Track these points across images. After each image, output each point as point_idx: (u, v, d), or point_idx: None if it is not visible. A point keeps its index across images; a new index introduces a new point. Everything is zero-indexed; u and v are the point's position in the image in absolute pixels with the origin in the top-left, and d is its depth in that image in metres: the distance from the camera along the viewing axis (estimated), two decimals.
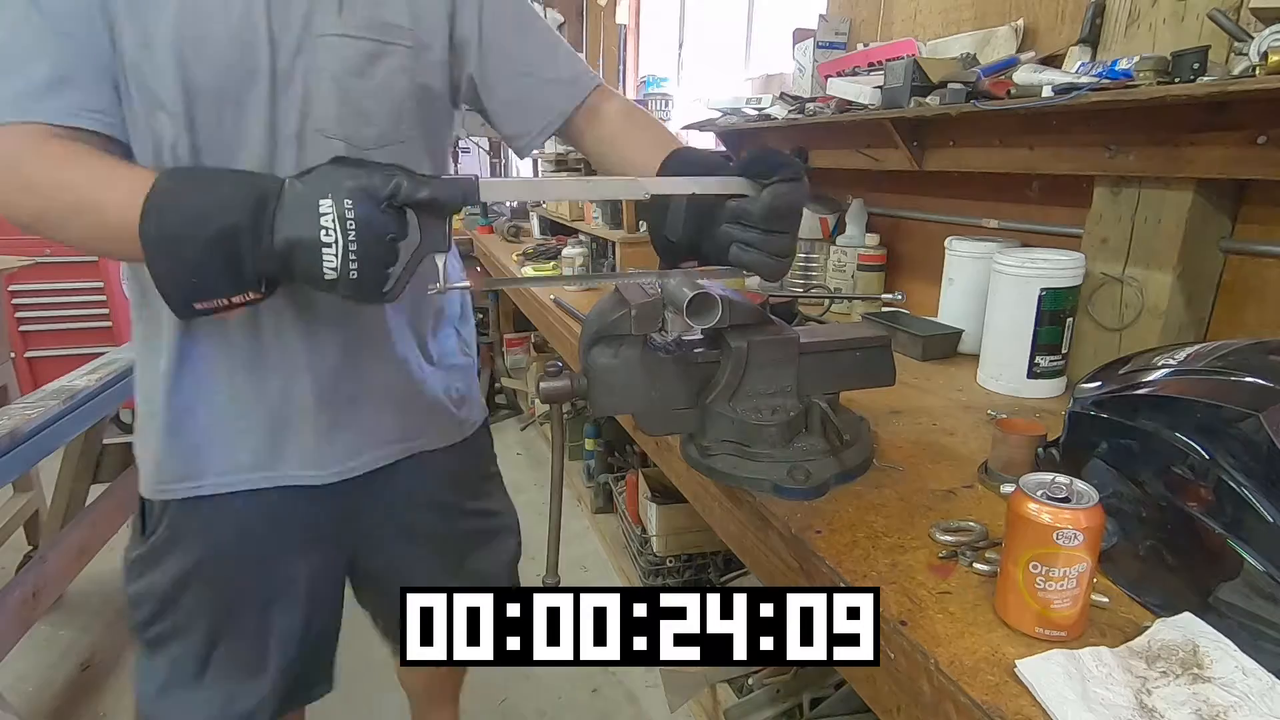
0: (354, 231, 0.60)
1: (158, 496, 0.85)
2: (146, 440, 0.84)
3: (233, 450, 0.84)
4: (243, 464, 0.84)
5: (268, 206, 0.61)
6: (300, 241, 0.60)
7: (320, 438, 0.87)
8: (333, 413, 0.87)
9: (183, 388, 0.81)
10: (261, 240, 0.60)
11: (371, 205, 0.60)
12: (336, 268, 0.60)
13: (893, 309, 1.56)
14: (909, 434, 1.03)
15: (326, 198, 0.60)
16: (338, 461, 0.89)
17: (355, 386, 0.87)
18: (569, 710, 1.79)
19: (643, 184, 0.73)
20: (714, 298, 0.77)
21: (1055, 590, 0.57)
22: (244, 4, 0.71)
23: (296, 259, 0.61)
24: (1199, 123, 1.04)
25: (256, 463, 0.85)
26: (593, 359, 0.82)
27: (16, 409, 1.61)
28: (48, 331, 3.23)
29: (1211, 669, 0.53)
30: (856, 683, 0.69)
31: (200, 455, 0.83)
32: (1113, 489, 0.69)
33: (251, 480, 0.85)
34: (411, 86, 0.81)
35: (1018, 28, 1.44)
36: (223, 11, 0.71)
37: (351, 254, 0.60)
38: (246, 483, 0.85)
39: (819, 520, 0.79)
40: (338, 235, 0.59)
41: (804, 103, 1.84)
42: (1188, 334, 1.16)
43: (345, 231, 0.59)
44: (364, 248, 0.60)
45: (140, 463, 0.86)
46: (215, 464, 0.84)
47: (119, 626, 2.09)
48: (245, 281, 0.62)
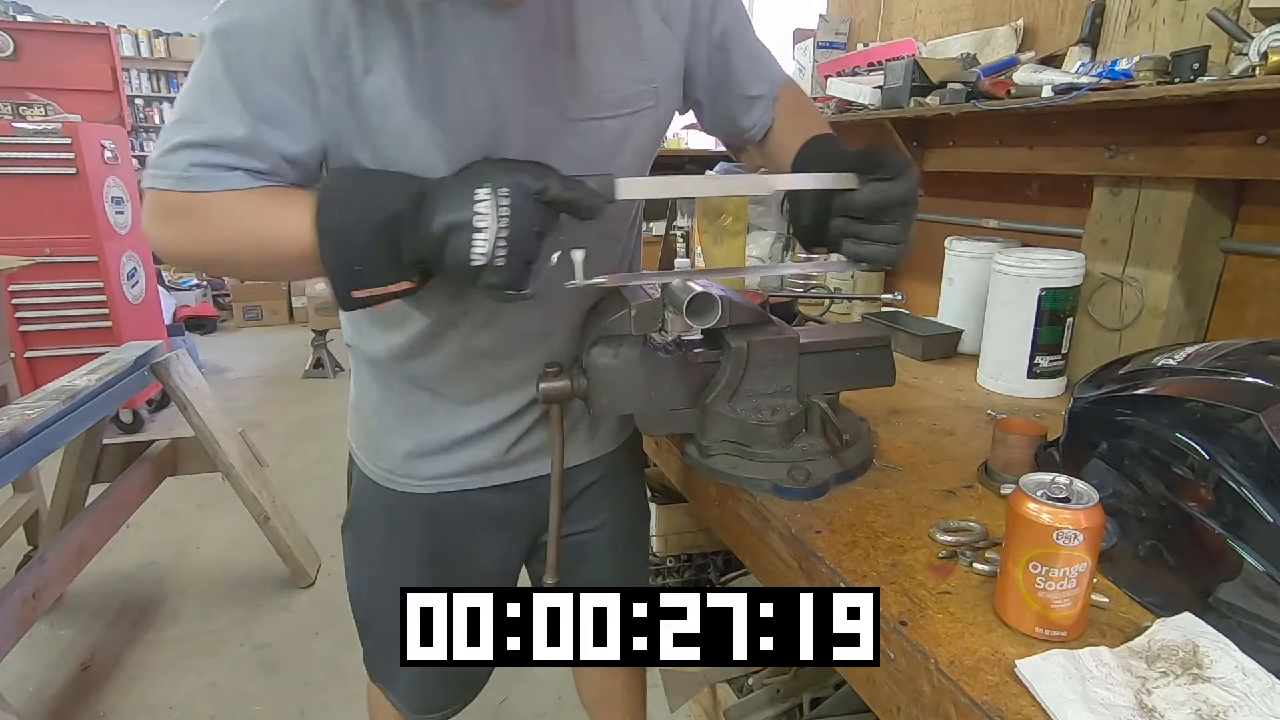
0: (507, 219, 0.62)
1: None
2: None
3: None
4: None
5: (427, 197, 0.64)
6: (455, 224, 0.62)
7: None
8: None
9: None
10: (419, 225, 0.63)
11: (524, 197, 0.63)
12: (486, 253, 0.62)
13: (893, 309, 1.56)
14: (909, 434, 1.03)
15: (483, 186, 0.62)
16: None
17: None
18: (569, 710, 1.79)
19: (769, 181, 0.76)
20: (713, 298, 0.77)
21: (1055, 590, 0.57)
22: (493, 104, 0.71)
23: (450, 242, 0.62)
24: (1199, 123, 1.04)
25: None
26: (593, 359, 0.82)
27: (16, 409, 1.61)
28: (48, 331, 3.24)
29: (1211, 669, 0.53)
30: (856, 683, 0.69)
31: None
32: (1113, 489, 0.69)
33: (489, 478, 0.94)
34: (655, 136, 0.84)
35: (1018, 28, 1.44)
36: (470, 127, 0.71)
37: (501, 240, 0.62)
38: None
39: (819, 520, 0.79)
40: (491, 221, 0.61)
41: None
42: (1188, 334, 1.16)
43: (499, 218, 0.61)
44: (515, 235, 0.62)
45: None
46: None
47: (119, 626, 2.09)
48: (402, 267, 0.65)
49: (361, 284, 0.65)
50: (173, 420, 3.49)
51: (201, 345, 4.76)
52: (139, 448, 2.26)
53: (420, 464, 0.91)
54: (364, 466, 0.95)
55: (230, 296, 5.82)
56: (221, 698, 1.83)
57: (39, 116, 3.28)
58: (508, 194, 0.62)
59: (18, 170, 3.08)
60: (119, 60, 4.10)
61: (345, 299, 0.66)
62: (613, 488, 1.03)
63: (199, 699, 1.82)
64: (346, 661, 1.91)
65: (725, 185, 0.76)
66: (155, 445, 2.28)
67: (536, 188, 0.63)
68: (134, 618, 2.14)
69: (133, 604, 2.20)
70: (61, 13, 4.26)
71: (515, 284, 0.65)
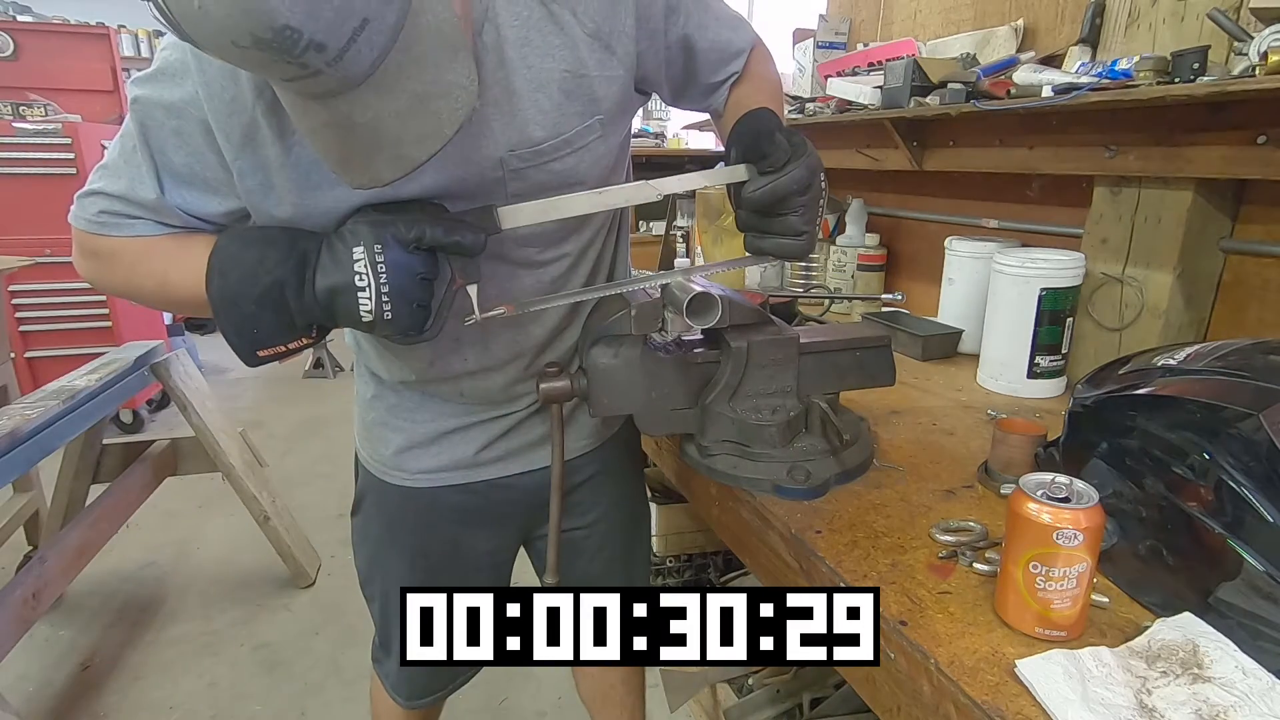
0: (385, 275, 0.63)
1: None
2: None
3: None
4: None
5: (308, 261, 0.65)
6: (337, 288, 0.64)
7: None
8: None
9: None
10: (304, 292, 0.65)
11: (399, 249, 0.64)
12: (372, 310, 0.64)
13: (893, 309, 1.56)
14: (909, 434, 1.03)
15: (358, 246, 0.63)
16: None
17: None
18: (569, 710, 1.78)
19: (654, 186, 0.73)
20: (713, 298, 0.76)
21: (1055, 590, 0.57)
22: (434, 176, 0.70)
23: (337, 304, 0.65)
24: (1199, 123, 1.04)
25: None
26: (593, 359, 0.82)
27: (16, 409, 1.61)
28: (48, 331, 3.24)
29: (1211, 669, 0.53)
30: (856, 683, 0.69)
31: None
32: (1113, 489, 0.69)
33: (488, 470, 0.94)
34: (612, 156, 0.80)
35: (1018, 28, 1.44)
36: (406, 184, 0.67)
37: (384, 296, 0.64)
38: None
39: (819, 520, 0.79)
40: (370, 280, 0.63)
41: (804, 103, 1.84)
42: (1188, 334, 1.16)
43: (377, 276, 0.63)
44: (395, 289, 0.64)
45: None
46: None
47: (119, 626, 2.09)
48: (296, 329, 0.67)
49: (260, 344, 0.67)
50: (173, 420, 3.49)
51: (201, 345, 4.76)
52: (139, 448, 2.26)
53: (410, 458, 0.92)
54: (363, 457, 0.98)
55: None
56: (221, 698, 1.82)
57: (39, 116, 3.28)
58: (381, 250, 0.63)
59: (18, 170, 3.08)
60: (119, 60, 4.09)
61: (250, 359, 0.68)
62: (607, 484, 1.03)
63: (199, 699, 1.82)
64: (346, 661, 1.91)
65: (610, 198, 0.72)
66: (155, 445, 2.28)
67: (410, 238, 0.64)
68: (134, 618, 2.14)
69: (133, 604, 2.20)
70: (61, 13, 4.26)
71: (412, 329, 0.67)
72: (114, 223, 0.71)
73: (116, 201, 0.71)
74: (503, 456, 0.93)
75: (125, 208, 0.71)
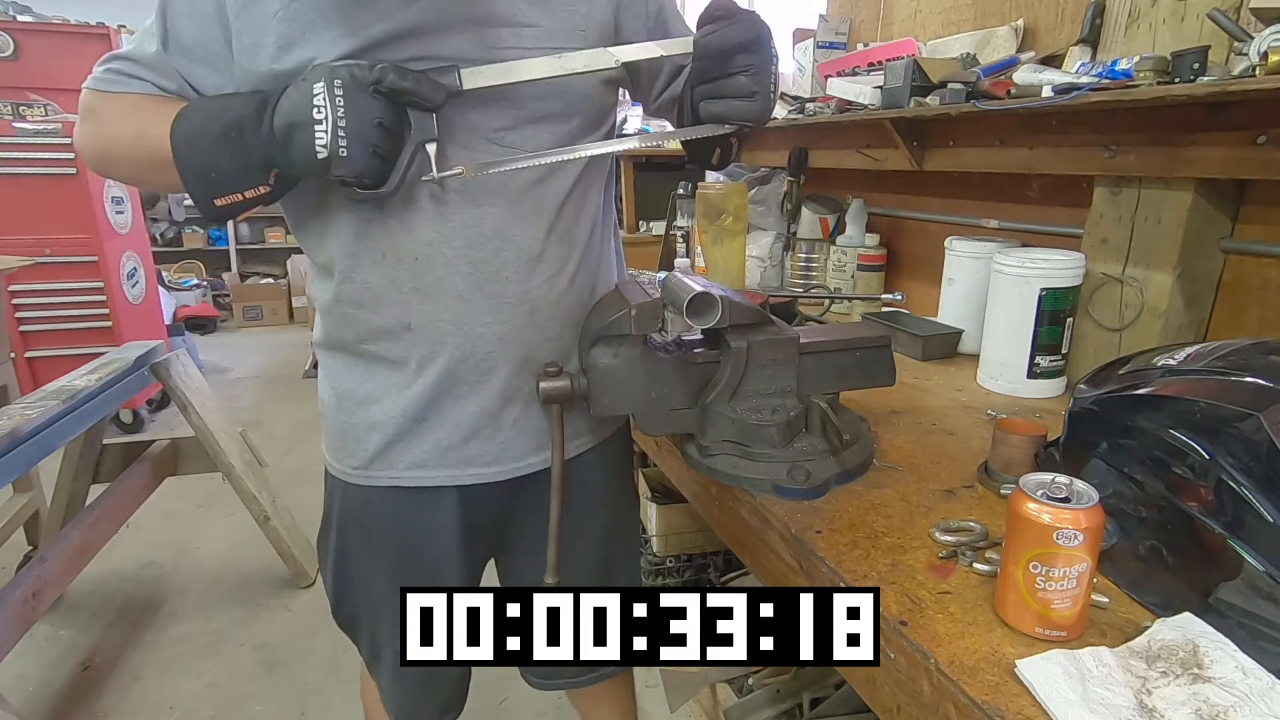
0: (343, 109, 0.65)
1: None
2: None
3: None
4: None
5: (269, 101, 0.69)
6: (295, 122, 0.66)
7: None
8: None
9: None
10: (261, 127, 0.68)
11: (358, 89, 0.66)
12: (327, 144, 0.66)
13: (893, 309, 1.56)
14: (909, 434, 1.03)
15: (319, 82, 0.65)
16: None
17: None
18: (569, 710, 1.78)
19: (611, 53, 0.75)
20: (714, 298, 0.77)
21: (1055, 590, 0.57)
22: (408, 26, 0.72)
23: (293, 139, 0.67)
24: (1199, 123, 1.04)
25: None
26: (593, 359, 0.82)
27: (16, 409, 1.61)
28: (48, 331, 3.24)
29: (1211, 669, 0.53)
30: (856, 683, 0.69)
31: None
32: (1113, 489, 0.69)
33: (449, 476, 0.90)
34: (592, 94, 0.83)
35: (1018, 28, 1.44)
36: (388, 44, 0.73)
37: (340, 131, 0.65)
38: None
39: (819, 520, 0.79)
40: (328, 113, 0.65)
41: (804, 103, 1.84)
42: (1188, 334, 1.16)
43: (335, 109, 0.65)
44: (354, 126, 0.66)
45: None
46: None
47: (119, 626, 2.09)
48: (253, 171, 0.70)
49: (218, 191, 0.71)
50: (173, 420, 3.49)
51: (201, 345, 4.76)
52: (139, 448, 2.26)
53: (386, 453, 0.87)
54: (334, 470, 0.93)
55: (230, 296, 5.81)
56: (221, 698, 1.82)
57: (39, 116, 3.28)
58: (340, 85, 0.65)
59: (18, 170, 3.08)
60: None
61: (208, 208, 0.71)
62: (590, 488, 0.99)
63: (199, 699, 1.82)
64: (346, 661, 1.91)
65: (570, 63, 0.74)
66: (155, 445, 2.28)
67: (371, 79, 0.66)
68: (134, 618, 2.14)
69: (133, 604, 2.20)
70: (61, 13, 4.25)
71: (368, 176, 0.68)
72: (116, 80, 0.77)
73: (124, 62, 0.77)
74: (474, 459, 0.88)
75: (129, 67, 0.77)
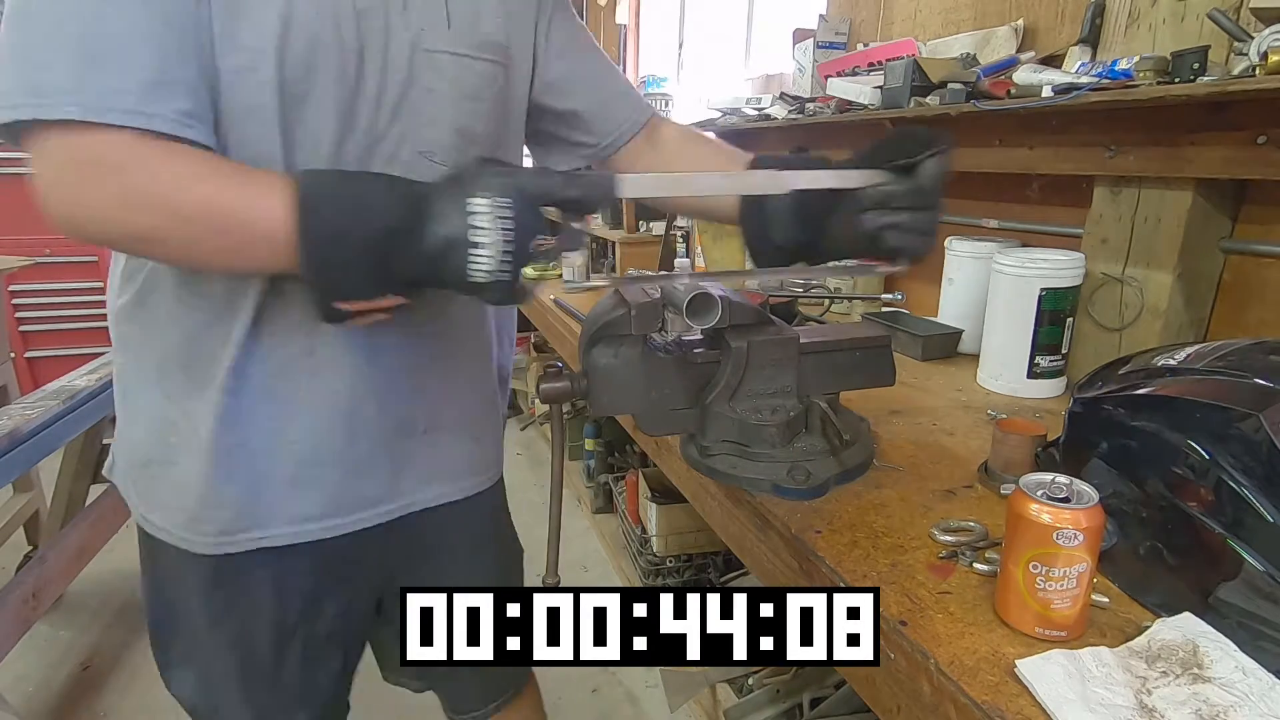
0: (511, 231, 0.58)
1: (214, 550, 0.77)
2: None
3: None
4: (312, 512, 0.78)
5: (423, 208, 0.59)
6: (453, 239, 0.58)
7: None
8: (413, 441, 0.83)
9: (239, 420, 0.72)
10: (414, 241, 0.59)
11: (526, 205, 0.59)
12: (490, 270, 0.58)
13: (893, 309, 1.56)
14: (909, 434, 1.03)
15: (478, 197, 0.58)
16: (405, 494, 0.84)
17: (444, 409, 0.85)
18: (569, 710, 1.79)
19: (785, 179, 0.70)
20: (714, 298, 0.77)
21: (1055, 590, 0.57)
22: (342, 15, 0.65)
23: (449, 260, 0.58)
24: (1199, 123, 1.04)
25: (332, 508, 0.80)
26: (593, 359, 0.82)
27: (16, 409, 1.61)
28: (48, 331, 3.24)
29: (1211, 669, 0.53)
30: (856, 683, 0.69)
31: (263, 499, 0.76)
32: (1113, 489, 0.69)
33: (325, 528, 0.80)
34: (510, 105, 0.80)
35: (1018, 28, 1.44)
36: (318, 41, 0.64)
37: (506, 255, 0.58)
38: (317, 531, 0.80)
39: (819, 520, 0.79)
40: (493, 236, 0.57)
41: (804, 103, 1.84)
42: (1188, 334, 1.16)
43: (500, 229, 0.57)
44: (520, 248, 0.59)
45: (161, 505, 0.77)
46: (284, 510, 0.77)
47: (119, 626, 2.09)
48: (390, 283, 0.61)
49: (343, 295, 0.60)
50: None
51: None
52: None
53: (263, 510, 0.76)
54: (181, 544, 0.77)
55: None
56: None
57: None
58: (509, 204, 0.58)
59: (18, 170, 3.08)
60: None
61: (327, 310, 0.61)
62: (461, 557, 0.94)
63: None
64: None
65: (738, 184, 0.70)
66: None
67: (538, 194, 0.60)
68: (134, 618, 2.14)
69: (133, 604, 2.20)
70: None
71: (516, 294, 0.62)
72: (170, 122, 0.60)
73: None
74: (354, 503, 0.80)
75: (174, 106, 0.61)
